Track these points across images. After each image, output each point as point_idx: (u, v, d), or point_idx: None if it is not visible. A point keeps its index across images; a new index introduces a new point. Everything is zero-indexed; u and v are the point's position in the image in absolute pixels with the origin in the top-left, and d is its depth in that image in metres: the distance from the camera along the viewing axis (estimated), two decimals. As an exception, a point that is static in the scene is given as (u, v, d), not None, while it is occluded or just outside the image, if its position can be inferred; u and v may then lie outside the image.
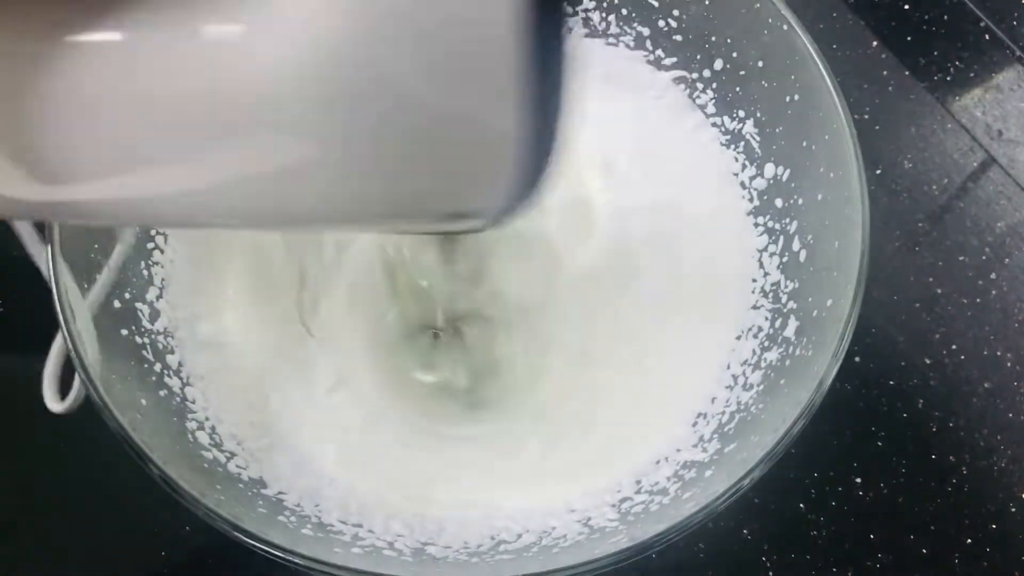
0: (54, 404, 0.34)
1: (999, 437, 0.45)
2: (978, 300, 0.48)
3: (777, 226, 0.40)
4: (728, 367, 0.39)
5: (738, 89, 0.42)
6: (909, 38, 0.55)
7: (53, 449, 0.42)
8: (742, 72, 0.41)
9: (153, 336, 0.37)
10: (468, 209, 0.20)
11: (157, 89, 0.17)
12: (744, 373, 0.38)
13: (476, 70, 0.17)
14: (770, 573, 0.41)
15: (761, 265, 0.41)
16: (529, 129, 0.17)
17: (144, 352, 0.36)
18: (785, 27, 0.37)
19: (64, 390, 0.35)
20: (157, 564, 0.40)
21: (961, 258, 0.49)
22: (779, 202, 0.40)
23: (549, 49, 0.17)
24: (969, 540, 0.43)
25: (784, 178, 0.40)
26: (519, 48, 0.16)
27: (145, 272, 0.38)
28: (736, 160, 0.43)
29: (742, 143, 0.42)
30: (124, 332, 0.35)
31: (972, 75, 0.54)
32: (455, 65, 0.16)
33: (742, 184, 0.42)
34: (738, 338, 0.40)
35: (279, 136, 0.17)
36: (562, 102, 0.18)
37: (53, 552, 0.41)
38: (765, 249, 0.41)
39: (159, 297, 0.38)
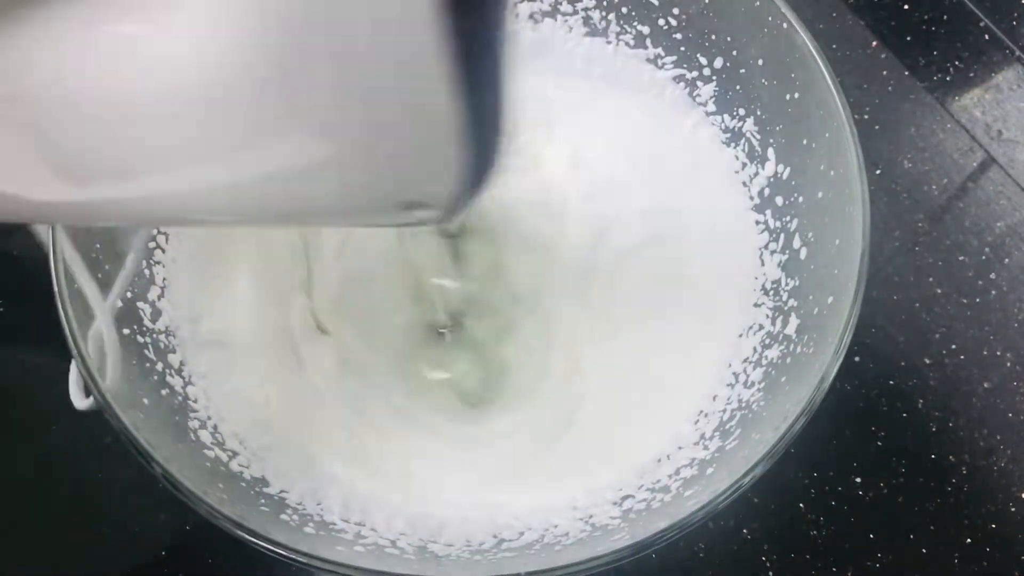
0: (79, 401, 0.34)
1: (999, 437, 0.45)
2: (978, 300, 0.48)
3: (778, 224, 0.40)
4: (729, 365, 0.39)
5: (738, 87, 0.42)
6: (909, 38, 0.55)
7: (54, 448, 0.42)
8: (742, 70, 0.41)
9: (155, 335, 0.37)
10: (420, 197, 0.20)
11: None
12: (745, 371, 0.38)
13: (399, 59, 0.16)
14: (770, 573, 0.41)
15: (762, 263, 0.41)
16: (467, 113, 0.17)
17: (146, 351, 0.36)
18: (785, 25, 0.37)
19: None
20: (158, 563, 0.40)
21: (961, 258, 0.49)
22: (779, 200, 0.40)
23: (479, 35, 0.17)
24: (969, 540, 0.43)
25: (784, 176, 0.40)
26: (439, 33, 0.16)
27: (147, 271, 0.38)
28: (736, 158, 0.43)
29: (742, 141, 0.43)
30: (126, 331, 0.35)
31: (972, 75, 0.54)
32: (374, 56, 0.16)
33: (742, 182, 0.42)
34: (739, 336, 0.40)
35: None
36: (502, 87, 0.18)
37: (53, 552, 0.41)
38: (766, 247, 0.41)
39: (161, 296, 0.38)
